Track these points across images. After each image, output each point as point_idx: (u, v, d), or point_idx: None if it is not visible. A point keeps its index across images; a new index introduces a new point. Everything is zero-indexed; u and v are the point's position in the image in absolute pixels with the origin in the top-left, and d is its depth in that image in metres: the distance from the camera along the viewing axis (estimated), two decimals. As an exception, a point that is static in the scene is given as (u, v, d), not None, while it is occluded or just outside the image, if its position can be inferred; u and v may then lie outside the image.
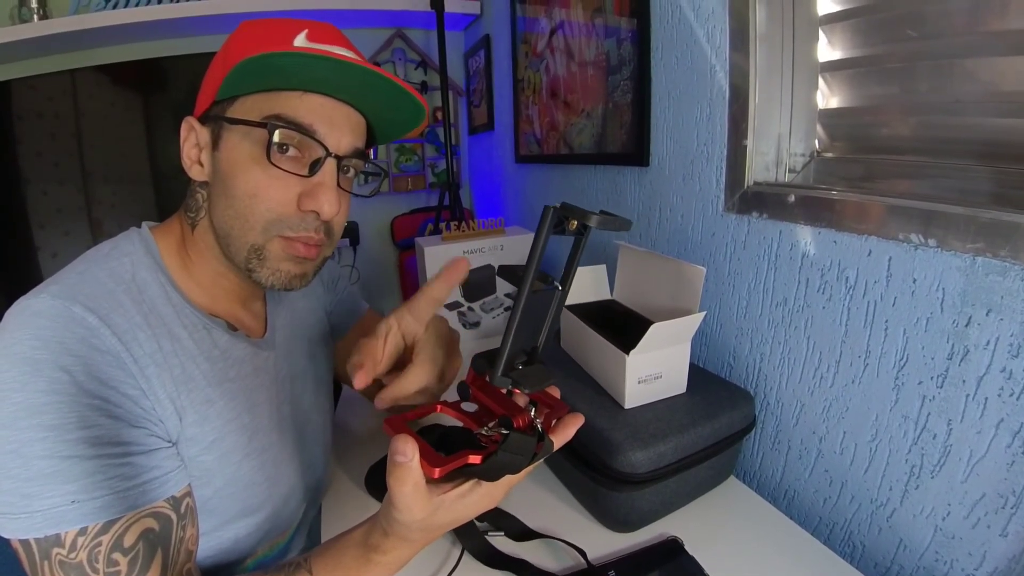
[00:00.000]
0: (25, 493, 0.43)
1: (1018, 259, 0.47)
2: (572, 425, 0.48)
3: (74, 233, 1.64)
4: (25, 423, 0.43)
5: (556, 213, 0.42)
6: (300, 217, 0.54)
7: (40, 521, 0.43)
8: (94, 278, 0.51)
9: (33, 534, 0.43)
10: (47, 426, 0.43)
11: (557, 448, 0.46)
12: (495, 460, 0.40)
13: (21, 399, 0.43)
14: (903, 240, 0.56)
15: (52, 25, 1.53)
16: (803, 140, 0.75)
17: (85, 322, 0.46)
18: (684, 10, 0.84)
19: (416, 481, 0.39)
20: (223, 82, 0.51)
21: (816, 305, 0.68)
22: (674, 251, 0.94)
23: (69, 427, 0.44)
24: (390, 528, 0.44)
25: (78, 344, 0.45)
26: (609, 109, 1.10)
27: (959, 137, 0.58)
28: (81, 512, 0.43)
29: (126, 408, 0.47)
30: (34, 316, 0.45)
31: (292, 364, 0.69)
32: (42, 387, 0.43)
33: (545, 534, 0.66)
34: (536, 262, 0.42)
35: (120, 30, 1.60)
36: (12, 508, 0.43)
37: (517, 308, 0.42)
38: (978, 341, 0.51)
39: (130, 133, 1.67)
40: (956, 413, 0.53)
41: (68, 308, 0.46)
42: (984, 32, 0.55)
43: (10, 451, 0.43)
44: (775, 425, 0.76)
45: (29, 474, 0.43)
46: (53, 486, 0.43)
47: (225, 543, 0.58)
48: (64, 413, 0.44)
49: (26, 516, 0.42)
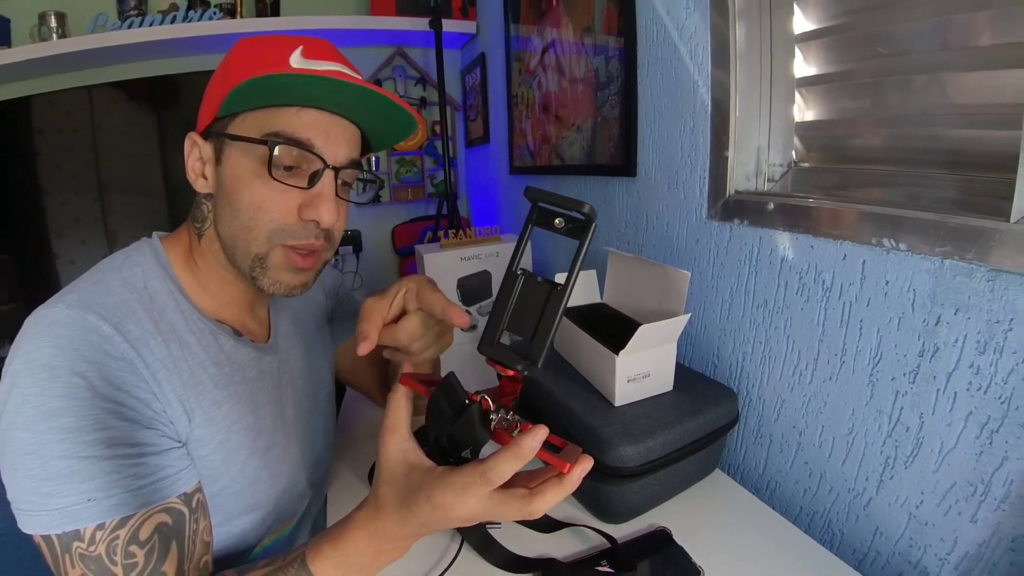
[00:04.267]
0: (44, 492, 0.43)
1: (984, 261, 0.47)
2: (581, 463, 0.39)
3: (90, 241, 1.63)
4: (43, 426, 0.43)
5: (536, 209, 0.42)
6: (301, 226, 0.53)
7: (59, 518, 0.43)
8: (108, 287, 0.51)
9: (53, 530, 0.43)
10: (65, 428, 0.43)
11: (566, 494, 0.40)
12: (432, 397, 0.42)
13: (40, 403, 0.43)
14: (876, 244, 0.56)
15: (70, 44, 1.52)
16: (781, 151, 0.75)
17: (99, 330, 0.46)
18: (668, 29, 0.85)
19: (398, 439, 0.43)
20: (224, 101, 0.51)
21: (795, 306, 0.68)
22: (660, 256, 0.94)
23: (85, 429, 0.43)
24: (375, 487, 0.44)
25: (93, 351, 0.45)
26: (598, 123, 1.10)
27: (927, 147, 0.59)
28: (98, 509, 0.43)
29: (139, 411, 0.47)
30: (52, 325, 0.46)
31: (295, 368, 0.68)
32: (59, 391, 0.43)
33: (567, 522, 0.65)
34: (521, 245, 0.43)
35: (134, 48, 1.59)
36: (32, 506, 0.43)
37: (503, 285, 0.42)
38: (947, 339, 0.51)
39: (144, 147, 1.67)
40: (927, 407, 0.53)
41: (83, 317, 0.46)
42: (948, 49, 0.55)
43: (30, 452, 0.43)
44: (757, 420, 0.76)
45: (47, 473, 0.42)
46: (70, 485, 0.43)
47: (231, 537, 0.57)
48: (81, 416, 0.43)
49: (45, 514, 0.42)
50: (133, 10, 1.61)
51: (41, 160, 1.56)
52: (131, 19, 1.58)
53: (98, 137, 1.60)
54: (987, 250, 0.46)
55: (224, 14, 1.65)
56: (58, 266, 1.61)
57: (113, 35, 1.54)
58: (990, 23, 0.51)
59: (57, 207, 1.59)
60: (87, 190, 1.60)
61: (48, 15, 1.54)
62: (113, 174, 1.62)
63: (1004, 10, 0.49)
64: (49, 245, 1.60)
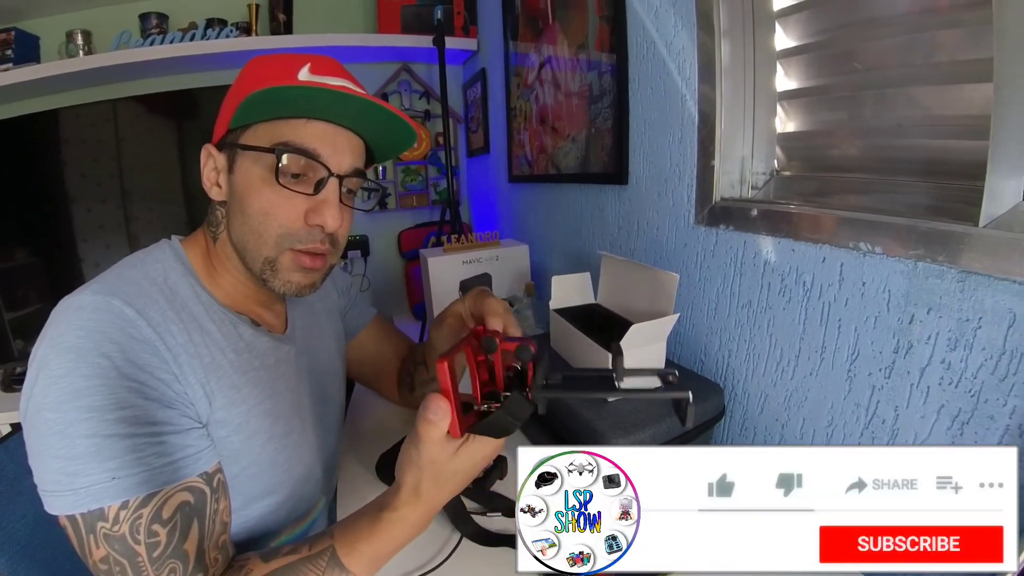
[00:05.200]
0: (69, 471, 0.42)
1: (954, 264, 0.47)
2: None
3: (114, 246, 1.63)
4: (70, 405, 0.42)
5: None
6: (307, 230, 0.54)
7: (85, 497, 0.42)
8: (131, 278, 0.51)
9: (78, 509, 0.42)
10: (90, 407, 0.43)
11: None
12: (496, 417, 0.42)
13: (67, 384, 0.43)
14: (853, 248, 0.56)
15: (95, 60, 1.52)
16: (764, 160, 0.75)
17: (124, 314, 0.46)
18: (658, 46, 0.85)
19: (441, 432, 0.42)
20: (236, 112, 0.51)
21: (777, 306, 0.68)
22: (651, 260, 0.94)
23: (109, 408, 0.43)
24: (404, 478, 0.44)
25: (117, 333, 0.45)
26: (592, 134, 1.10)
27: (900, 156, 0.59)
28: (122, 487, 0.43)
29: (160, 391, 0.47)
30: (78, 310, 0.46)
31: (310, 359, 0.68)
32: (85, 372, 0.43)
33: None
34: None
35: (156, 64, 1.59)
36: (58, 486, 0.42)
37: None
38: (920, 336, 0.51)
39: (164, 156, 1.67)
40: (902, 400, 0.54)
41: (108, 301, 0.46)
42: (920, 64, 0.55)
43: (56, 432, 0.42)
44: (742, 414, 0.76)
45: (73, 452, 0.42)
46: (95, 463, 0.42)
47: (251, 521, 0.57)
48: (106, 395, 0.43)
49: (71, 493, 0.42)
50: (155, 28, 1.62)
51: (68, 169, 1.56)
52: (153, 37, 1.58)
53: (121, 148, 1.60)
54: (957, 253, 0.46)
55: (240, 32, 1.65)
56: (84, 269, 1.61)
57: (136, 52, 1.54)
58: (958, 40, 0.52)
59: (83, 213, 1.59)
60: (111, 197, 1.60)
61: (75, 33, 1.54)
62: (135, 182, 1.62)
63: (971, 28, 0.50)
64: (75, 249, 1.60)
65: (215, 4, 1.69)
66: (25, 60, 1.49)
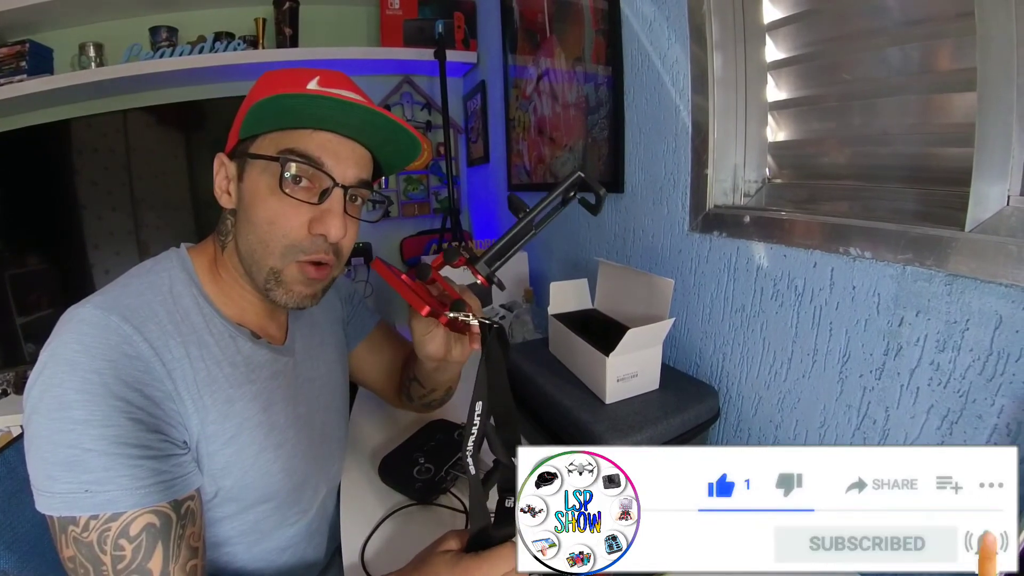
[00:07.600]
0: (50, 475, 0.43)
1: (942, 267, 0.47)
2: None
3: (124, 253, 1.62)
4: (57, 415, 0.43)
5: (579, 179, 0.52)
6: (311, 240, 0.53)
7: (59, 503, 0.43)
8: (135, 290, 0.51)
9: (53, 512, 0.43)
10: (74, 420, 0.43)
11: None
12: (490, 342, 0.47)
13: (58, 393, 0.43)
14: (843, 253, 0.56)
15: (107, 72, 1.53)
16: (756, 169, 0.76)
17: (120, 331, 0.47)
18: (652, 59, 0.85)
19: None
20: (244, 121, 0.51)
21: (770, 310, 0.68)
22: (646, 266, 0.94)
23: (93, 423, 0.43)
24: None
25: (112, 350, 0.46)
26: (588, 144, 1.10)
27: (889, 164, 0.59)
28: (92, 502, 0.43)
29: (147, 411, 0.47)
30: (80, 323, 0.46)
31: (310, 369, 0.68)
32: (75, 385, 0.44)
33: None
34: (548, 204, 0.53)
35: (165, 76, 1.60)
36: (41, 485, 0.43)
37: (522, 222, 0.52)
38: (910, 338, 0.51)
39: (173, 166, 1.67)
40: (892, 401, 0.53)
41: (107, 317, 0.46)
42: (906, 75, 0.56)
43: (44, 436, 0.43)
44: (737, 416, 0.75)
45: (55, 459, 0.43)
46: (72, 474, 0.43)
47: (247, 524, 0.57)
48: (90, 410, 0.43)
49: (49, 495, 0.43)
50: (165, 41, 1.62)
51: (80, 178, 1.56)
52: (163, 49, 1.59)
53: (132, 157, 1.59)
54: (945, 257, 0.46)
55: (247, 45, 1.66)
56: (94, 275, 1.61)
57: (146, 64, 1.55)
58: (943, 51, 0.52)
59: (94, 221, 1.58)
60: (121, 206, 1.60)
61: (87, 46, 1.54)
62: (145, 191, 1.62)
63: (955, 39, 0.50)
64: (86, 256, 1.59)
65: (223, 18, 1.70)
66: (39, 72, 1.49)
